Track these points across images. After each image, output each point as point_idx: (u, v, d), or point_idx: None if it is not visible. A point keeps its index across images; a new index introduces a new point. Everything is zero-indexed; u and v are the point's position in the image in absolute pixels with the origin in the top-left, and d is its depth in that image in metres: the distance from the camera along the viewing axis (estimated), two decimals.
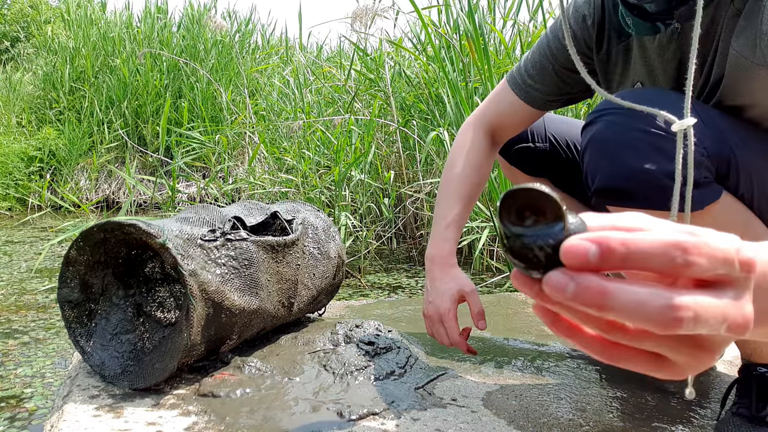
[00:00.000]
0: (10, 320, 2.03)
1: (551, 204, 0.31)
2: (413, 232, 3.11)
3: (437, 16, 3.18)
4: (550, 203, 0.31)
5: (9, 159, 5.38)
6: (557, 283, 0.30)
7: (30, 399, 1.42)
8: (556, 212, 0.31)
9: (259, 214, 1.23)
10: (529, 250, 0.31)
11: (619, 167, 0.79)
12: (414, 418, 0.92)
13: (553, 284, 0.31)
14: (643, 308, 0.30)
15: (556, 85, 1.06)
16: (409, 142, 3.09)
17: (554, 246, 0.31)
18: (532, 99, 1.09)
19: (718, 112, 0.84)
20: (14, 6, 8.18)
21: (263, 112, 4.33)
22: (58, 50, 6.59)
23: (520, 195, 0.32)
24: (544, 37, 1.06)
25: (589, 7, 0.99)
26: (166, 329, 1.08)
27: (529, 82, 1.08)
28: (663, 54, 0.89)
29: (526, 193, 0.31)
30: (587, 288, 0.30)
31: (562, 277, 0.31)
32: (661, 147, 0.76)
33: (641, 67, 0.94)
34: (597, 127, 0.83)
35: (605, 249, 0.30)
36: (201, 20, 6.48)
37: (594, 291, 0.30)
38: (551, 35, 1.05)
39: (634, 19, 0.86)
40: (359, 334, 1.19)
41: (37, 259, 2.89)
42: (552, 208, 0.31)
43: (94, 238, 1.02)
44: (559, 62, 1.04)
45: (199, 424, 0.88)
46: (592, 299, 0.30)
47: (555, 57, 1.04)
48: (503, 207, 0.32)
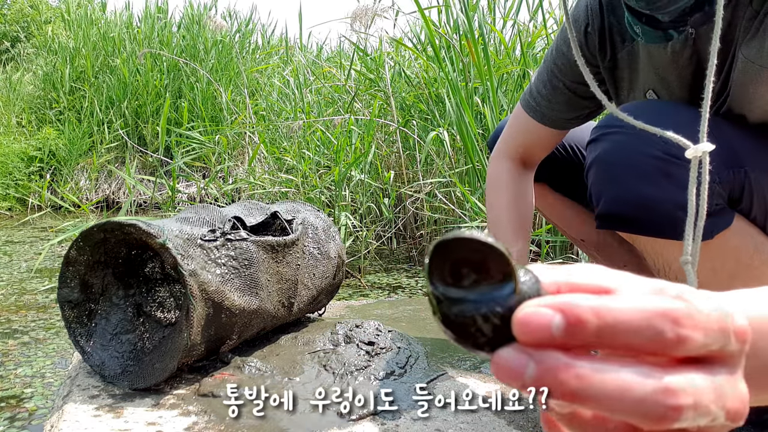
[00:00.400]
0: (10, 320, 2.03)
1: (497, 258, 0.24)
2: (413, 232, 3.11)
3: (437, 16, 3.18)
4: (495, 257, 0.24)
5: (9, 159, 5.38)
6: (511, 364, 0.24)
7: (30, 399, 1.42)
8: (503, 269, 0.24)
9: (259, 214, 1.23)
10: (471, 322, 0.24)
11: (625, 193, 0.77)
12: (414, 418, 0.92)
13: (506, 366, 0.24)
14: (630, 395, 0.23)
15: (571, 102, 1.02)
16: (409, 142, 3.09)
17: (504, 315, 0.24)
18: (550, 120, 1.04)
19: (729, 125, 0.80)
20: (14, 6, 8.18)
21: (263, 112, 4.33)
22: (58, 50, 6.59)
23: (455, 246, 0.24)
24: (549, 55, 1.03)
25: (588, 15, 0.94)
26: (166, 329, 1.08)
27: (543, 104, 1.04)
28: (677, 60, 0.84)
29: (463, 244, 0.24)
30: (552, 369, 0.23)
31: (516, 355, 0.24)
32: (670, 173, 0.73)
33: (651, 74, 0.89)
34: (603, 146, 0.81)
35: (573, 320, 0.23)
36: (201, 20, 6.48)
37: (562, 374, 0.23)
38: (556, 53, 1.01)
39: (643, 28, 0.81)
40: (359, 334, 1.19)
41: (37, 259, 2.89)
42: (498, 263, 0.24)
43: (94, 238, 1.02)
44: (569, 77, 1.00)
45: (199, 424, 0.88)
46: (559, 385, 0.23)
47: (564, 73, 1.00)
48: (434, 262, 0.25)
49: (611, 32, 0.93)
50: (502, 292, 0.25)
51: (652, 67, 0.88)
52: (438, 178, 2.82)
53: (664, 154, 0.75)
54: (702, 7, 0.76)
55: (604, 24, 0.93)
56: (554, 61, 1.01)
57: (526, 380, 0.23)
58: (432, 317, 0.26)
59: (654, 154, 0.75)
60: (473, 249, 0.24)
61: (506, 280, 0.25)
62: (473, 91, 2.71)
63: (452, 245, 0.25)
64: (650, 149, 0.76)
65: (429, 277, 0.25)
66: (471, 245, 0.24)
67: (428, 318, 1.49)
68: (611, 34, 0.93)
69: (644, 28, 0.80)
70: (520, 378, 0.24)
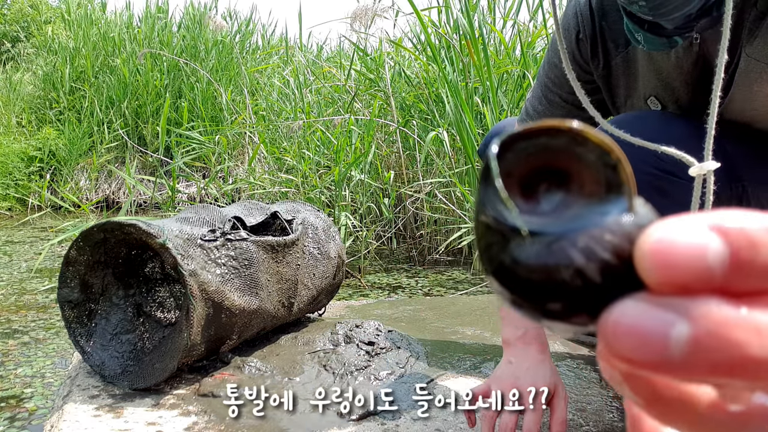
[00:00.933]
0: (10, 320, 2.03)
1: (596, 157, 0.16)
2: (413, 232, 3.11)
3: (437, 16, 3.18)
4: (590, 158, 0.16)
5: (9, 159, 5.38)
6: (645, 324, 0.14)
7: (30, 399, 1.42)
8: (605, 177, 0.16)
9: (259, 214, 1.23)
10: (564, 264, 0.15)
11: None
12: (414, 418, 0.92)
13: (634, 330, 0.15)
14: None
15: (570, 115, 0.98)
16: (409, 142, 3.09)
17: (618, 249, 0.15)
18: None
19: (727, 135, 0.77)
20: (14, 6, 8.18)
21: (263, 112, 4.33)
22: (58, 50, 6.59)
23: (530, 145, 0.16)
24: (542, 71, 1.00)
25: (579, 22, 0.91)
26: (166, 329, 1.08)
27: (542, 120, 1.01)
28: (681, 66, 0.82)
29: (541, 140, 0.16)
30: (719, 324, 0.14)
31: (651, 310, 0.15)
32: (665, 190, 0.71)
33: (653, 80, 0.86)
34: None
35: (743, 243, 0.14)
36: (202, 20, 6.48)
37: (735, 331, 0.14)
38: (548, 66, 0.98)
39: (645, 35, 0.77)
40: (359, 334, 1.19)
41: (37, 259, 2.89)
42: (596, 168, 0.16)
43: (94, 238, 1.02)
44: (565, 90, 0.97)
45: (199, 424, 0.88)
46: (729, 349, 0.14)
47: (559, 86, 0.97)
48: (495, 174, 0.16)
49: (603, 38, 0.90)
50: (608, 214, 0.15)
51: (654, 72, 0.86)
52: (438, 178, 2.82)
53: (658, 171, 0.73)
54: (710, 12, 0.74)
55: (595, 30, 0.90)
56: (547, 75, 0.98)
57: (672, 350, 0.14)
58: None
59: (648, 170, 0.74)
60: (555, 147, 0.16)
61: (612, 195, 0.16)
62: (473, 91, 2.71)
63: (524, 139, 0.16)
64: (644, 166, 0.74)
65: (484, 199, 0.16)
66: (552, 142, 0.16)
67: (428, 318, 1.49)
68: (604, 41, 0.90)
69: (646, 35, 0.77)
70: (662, 347, 0.14)
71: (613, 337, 0.15)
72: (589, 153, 0.16)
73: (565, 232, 0.15)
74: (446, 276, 2.60)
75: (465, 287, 2.38)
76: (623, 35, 0.87)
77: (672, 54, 0.81)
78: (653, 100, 0.89)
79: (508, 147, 0.17)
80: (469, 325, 1.42)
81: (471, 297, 1.83)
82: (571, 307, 0.15)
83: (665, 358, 0.14)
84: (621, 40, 0.88)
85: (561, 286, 0.15)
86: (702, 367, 0.14)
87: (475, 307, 1.60)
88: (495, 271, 0.16)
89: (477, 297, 1.80)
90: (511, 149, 0.17)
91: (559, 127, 0.16)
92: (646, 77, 0.88)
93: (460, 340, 1.31)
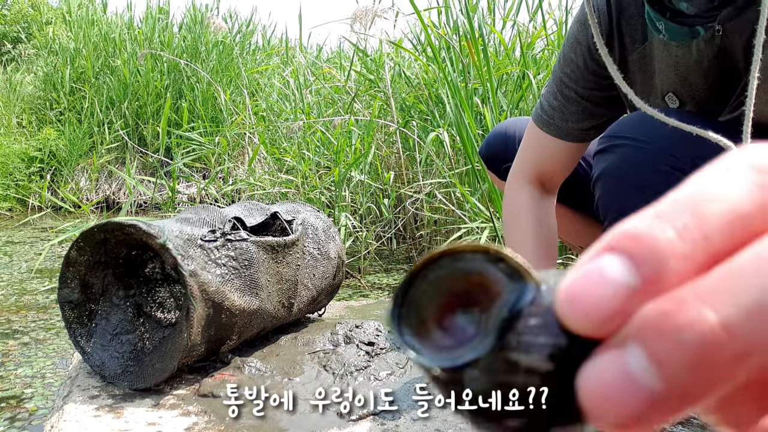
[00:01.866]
0: (10, 320, 2.03)
1: (481, 263, 0.16)
2: (413, 233, 3.11)
3: (437, 17, 3.18)
4: (477, 265, 0.16)
5: (9, 159, 5.39)
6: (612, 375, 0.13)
7: (30, 399, 1.42)
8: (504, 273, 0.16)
9: (259, 215, 1.24)
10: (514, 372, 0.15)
11: (633, 209, 0.74)
12: (414, 418, 0.92)
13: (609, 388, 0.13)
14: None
15: (585, 110, 0.97)
16: (409, 142, 3.09)
17: (546, 324, 0.15)
18: (566, 133, 0.98)
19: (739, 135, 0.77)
20: (14, 6, 8.19)
21: (263, 113, 4.33)
22: (59, 51, 6.59)
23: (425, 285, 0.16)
24: (557, 66, 0.99)
25: (597, 18, 0.88)
26: (166, 329, 1.08)
27: (557, 116, 0.98)
28: (701, 59, 0.80)
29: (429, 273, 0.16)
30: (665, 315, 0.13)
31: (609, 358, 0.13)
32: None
33: (672, 75, 0.84)
34: (610, 159, 0.78)
35: (644, 248, 0.13)
36: (203, 21, 6.49)
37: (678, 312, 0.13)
38: (564, 61, 0.97)
39: (667, 24, 0.75)
40: (359, 334, 1.19)
41: (38, 259, 2.89)
42: (489, 271, 0.16)
43: (95, 239, 1.03)
44: (581, 85, 0.95)
45: (199, 424, 0.88)
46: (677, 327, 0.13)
47: (575, 81, 0.95)
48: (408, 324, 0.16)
49: (621, 34, 0.89)
50: (524, 300, 0.15)
51: (672, 67, 0.84)
52: (438, 178, 2.82)
53: (672, 169, 0.73)
54: (733, 0, 0.72)
55: (612, 26, 0.89)
56: (562, 70, 0.97)
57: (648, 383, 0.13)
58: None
59: (662, 169, 0.73)
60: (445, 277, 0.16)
61: (514, 287, 0.16)
62: (473, 92, 2.71)
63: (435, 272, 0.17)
64: (658, 164, 0.74)
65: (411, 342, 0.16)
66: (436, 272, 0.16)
67: None
68: (621, 36, 0.89)
69: (668, 24, 0.76)
70: (639, 388, 0.13)
71: (602, 413, 0.13)
72: (473, 263, 0.16)
73: (495, 343, 0.15)
74: None
75: None
76: (640, 31, 0.86)
77: (693, 47, 0.79)
78: (671, 96, 0.87)
79: (406, 301, 0.17)
80: None
81: None
82: (543, 412, 0.15)
83: (651, 395, 0.13)
84: (638, 36, 0.86)
85: (524, 393, 0.15)
86: (689, 376, 0.13)
87: None
88: (472, 419, 0.16)
89: None
90: (411, 301, 0.17)
91: (431, 257, 0.16)
92: (663, 72, 0.86)
93: None
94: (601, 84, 0.93)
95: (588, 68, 0.93)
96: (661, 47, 0.84)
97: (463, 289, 0.16)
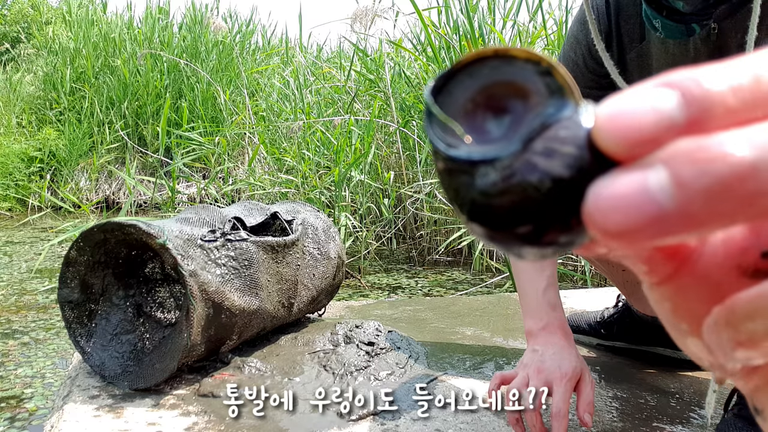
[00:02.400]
0: (10, 320, 2.03)
1: (529, 71, 0.16)
2: (413, 233, 3.11)
3: (437, 17, 3.19)
4: (524, 72, 0.16)
5: (9, 159, 5.38)
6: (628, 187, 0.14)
7: (30, 399, 1.42)
8: (545, 85, 0.16)
9: (259, 215, 1.24)
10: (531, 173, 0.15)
11: None
12: (414, 418, 0.92)
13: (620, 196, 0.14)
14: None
15: None
16: (409, 142, 3.09)
17: (576, 137, 0.15)
18: None
19: None
20: (14, 6, 8.19)
21: (263, 113, 4.33)
22: (59, 51, 6.60)
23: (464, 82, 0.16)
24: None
25: (595, 17, 0.89)
26: (166, 329, 1.08)
27: None
28: (698, 57, 0.81)
29: (472, 72, 0.16)
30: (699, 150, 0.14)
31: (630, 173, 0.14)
32: None
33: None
34: None
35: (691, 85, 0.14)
36: (202, 21, 6.49)
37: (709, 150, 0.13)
38: (563, 61, 0.97)
39: (663, 21, 0.77)
40: (359, 334, 1.19)
41: (37, 259, 2.89)
42: (532, 81, 0.16)
43: (95, 239, 1.03)
44: (582, 83, 0.95)
45: (199, 424, 0.88)
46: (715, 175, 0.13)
47: (575, 80, 0.96)
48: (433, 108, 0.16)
49: (619, 33, 0.90)
50: (556, 115, 0.15)
51: (669, 65, 0.85)
52: (438, 178, 2.82)
53: None
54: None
55: (611, 25, 0.90)
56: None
57: (661, 200, 0.13)
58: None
59: None
60: (486, 77, 0.16)
61: (554, 100, 0.15)
62: None
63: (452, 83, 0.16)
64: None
65: (436, 144, 0.16)
66: (479, 71, 0.16)
67: (428, 318, 1.49)
68: (619, 36, 0.90)
69: (665, 21, 0.77)
70: (651, 202, 0.13)
71: (602, 218, 0.14)
72: (520, 70, 0.16)
73: (520, 146, 0.15)
74: (446, 276, 2.60)
75: (465, 287, 2.38)
76: (638, 30, 0.87)
77: (690, 45, 0.81)
78: None
79: (443, 90, 0.16)
80: (469, 326, 1.42)
81: (471, 297, 1.83)
82: (550, 218, 0.15)
83: (660, 212, 0.13)
84: (636, 35, 0.87)
85: (533, 201, 0.15)
86: (702, 203, 0.13)
87: (475, 307, 1.60)
88: (470, 214, 0.15)
89: (477, 297, 1.81)
90: (448, 92, 0.16)
91: (482, 54, 0.16)
92: (661, 71, 0.84)
93: (460, 340, 1.31)
94: (600, 83, 0.94)
95: (588, 67, 0.94)
96: (658, 46, 0.85)
97: (503, 94, 0.16)
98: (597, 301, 1.56)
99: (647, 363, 1.17)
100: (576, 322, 1.29)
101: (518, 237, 0.15)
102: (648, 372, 1.14)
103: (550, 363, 0.82)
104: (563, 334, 0.86)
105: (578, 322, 1.29)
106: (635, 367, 1.17)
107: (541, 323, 0.88)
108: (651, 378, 1.11)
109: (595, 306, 1.44)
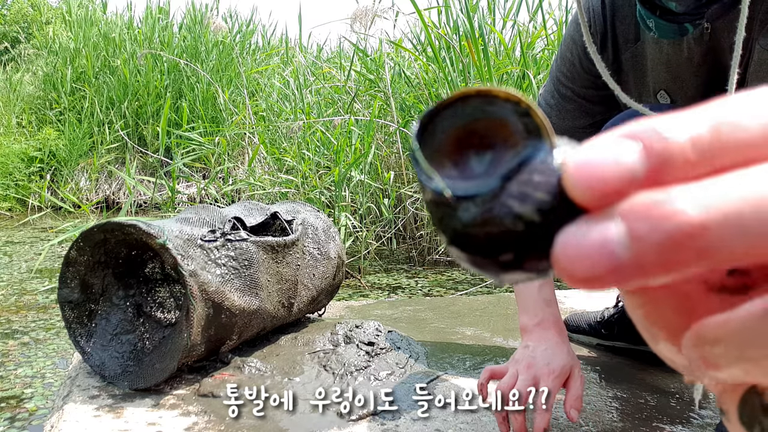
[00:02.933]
0: (10, 320, 2.03)
1: (509, 111, 0.17)
2: (413, 233, 3.11)
3: (437, 17, 3.18)
4: (504, 112, 0.17)
5: (9, 159, 5.38)
6: (586, 240, 0.15)
7: (30, 399, 1.42)
8: (523, 125, 0.17)
9: (259, 215, 1.24)
10: (504, 214, 0.16)
11: None
12: (414, 418, 0.92)
13: (582, 246, 0.15)
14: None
15: (582, 108, 0.99)
16: (409, 142, 3.09)
17: (547, 183, 0.16)
18: (562, 131, 0.99)
19: None
20: (14, 6, 8.18)
21: (263, 113, 4.33)
22: (59, 51, 6.59)
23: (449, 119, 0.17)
24: (554, 65, 1.00)
25: (590, 17, 0.91)
26: (166, 329, 1.08)
27: (553, 114, 1.01)
28: (691, 57, 0.82)
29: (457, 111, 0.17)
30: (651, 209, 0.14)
31: (593, 224, 0.15)
32: None
33: (663, 73, 0.86)
34: None
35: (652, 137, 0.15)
36: (203, 21, 6.49)
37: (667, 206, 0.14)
38: (560, 61, 0.98)
39: (657, 21, 0.78)
40: (359, 334, 1.19)
41: (37, 259, 2.89)
42: (512, 120, 0.17)
43: (95, 239, 1.03)
44: (578, 84, 0.97)
45: (199, 424, 0.88)
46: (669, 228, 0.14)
47: (571, 80, 0.97)
48: (417, 152, 0.17)
49: (614, 34, 0.90)
50: (533, 157, 0.16)
51: (664, 65, 0.86)
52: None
53: None
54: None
55: (606, 26, 0.90)
56: (559, 69, 0.98)
57: (618, 252, 0.14)
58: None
59: None
60: (470, 115, 0.17)
61: (532, 141, 0.16)
62: None
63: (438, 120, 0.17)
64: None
65: (422, 181, 0.17)
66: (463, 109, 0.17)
67: (428, 318, 1.49)
68: (614, 36, 0.90)
69: (658, 21, 0.78)
70: (609, 254, 0.14)
71: (569, 265, 0.15)
72: (501, 109, 0.17)
73: (499, 184, 0.16)
74: (446, 276, 2.60)
75: (465, 287, 2.38)
76: (633, 31, 0.88)
77: (684, 44, 0.81)
78: (663, 93, 0.88)
79: (429, 127, 0.18)
80: (469, 326, 1.42)
81: (471, 297, 1.83)
82: (522, 252, 0.16)
83: (618, 263, 0.14)
84: (631, 35, 0.88)
85: (507, 235, 0.16)
86: (655, 256, 0.14)
87: (475, 307, 1.60)
88: (451, 240, 0.17)
89: (477, 297, 1.81)
90: (433, 128, 0.18)
91: (466, 93, 0.17)
92: (655, 71, 0.87)
93: (460, 340, 1.31)
94: (596, 83, 0.95)
95: (584, 67, 0.94)
96: (653, 46, 0.86)
97: (484, 131, 0.17)
98: (597, 301, 1.56)
99: (647, 363, 1.17)
100: (576, 322, 1.29)
101: (496, 264, 0.17)
102: (648, 372, 1.14)
103: (540, 359, 0.83)
104: (557, 331, 0.87)
105: (578, 322, 1.29)
106: (635, 367, 1.17)
107: (536, 319, 0.88)
108: (651, 378, 1.11)
109: (595, 306, 1.44)
